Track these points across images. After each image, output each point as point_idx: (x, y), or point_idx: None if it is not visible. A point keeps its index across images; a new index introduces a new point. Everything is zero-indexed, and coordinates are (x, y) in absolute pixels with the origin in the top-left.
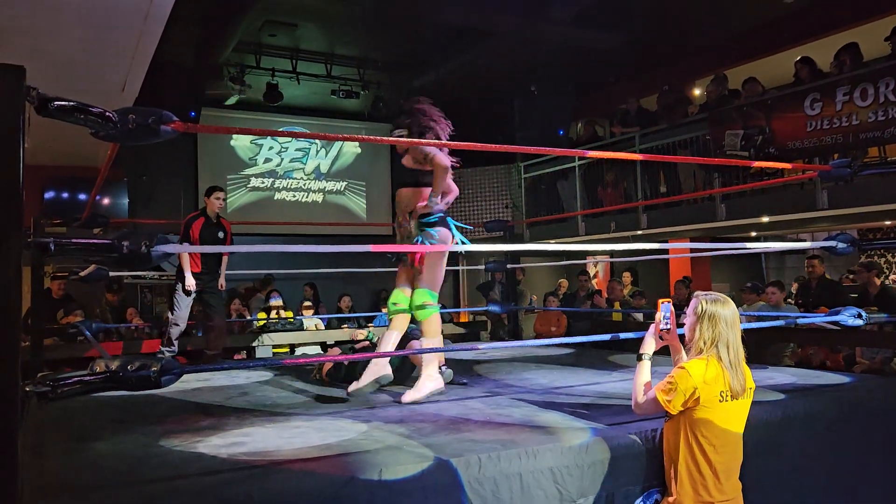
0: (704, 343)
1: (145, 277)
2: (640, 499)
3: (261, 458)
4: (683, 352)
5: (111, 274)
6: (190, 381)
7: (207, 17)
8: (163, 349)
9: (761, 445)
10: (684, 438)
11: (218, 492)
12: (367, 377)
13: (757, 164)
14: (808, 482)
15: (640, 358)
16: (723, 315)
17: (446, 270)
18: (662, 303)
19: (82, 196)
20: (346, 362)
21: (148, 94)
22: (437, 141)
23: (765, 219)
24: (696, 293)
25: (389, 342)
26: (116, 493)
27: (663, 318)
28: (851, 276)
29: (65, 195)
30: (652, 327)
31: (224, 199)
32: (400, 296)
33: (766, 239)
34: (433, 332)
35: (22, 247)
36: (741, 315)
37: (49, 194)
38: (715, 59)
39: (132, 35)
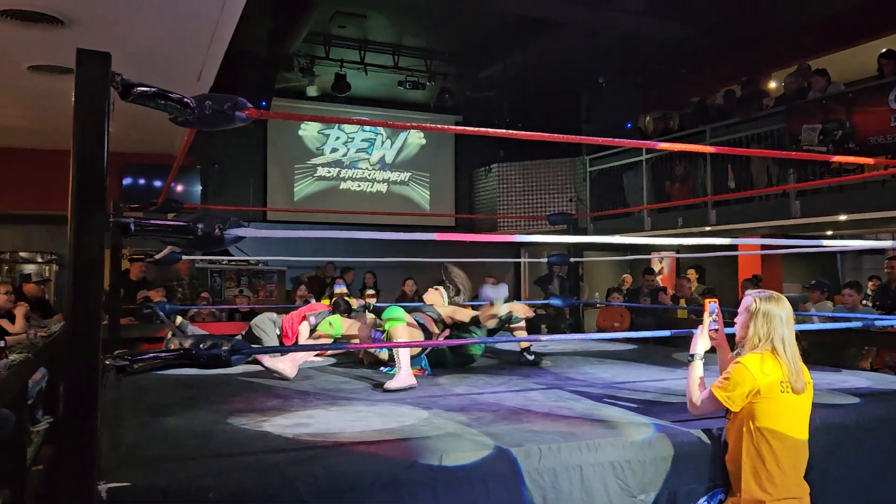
0: (759, 339)
1: (217, 263)
2: (705, 498)
3: (324, 440)
4: (731, 352)
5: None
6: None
7: (280, 8)
8: None
9: (833, 448)
10: (747, 434)
11: (283, 469)
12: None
13: (837, 158)
14: (882, 489)
15: (691, 359)
16: (777, 313)
17: (508, 262)
18: (709, 302)
19: (157, 183)
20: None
21: (222, 83)
22: (499, 131)
23: (842, 217)
24: (747, 291)
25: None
26: (187, 465)
27: (711, 319)
28: None
29: (141, 182)
30: (700, 328)
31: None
32: None
33: (843, 238)
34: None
35: (105, 226)
36: (809, 315)
37: (127, 181)
38: (792, 50)
39: (209, 25)
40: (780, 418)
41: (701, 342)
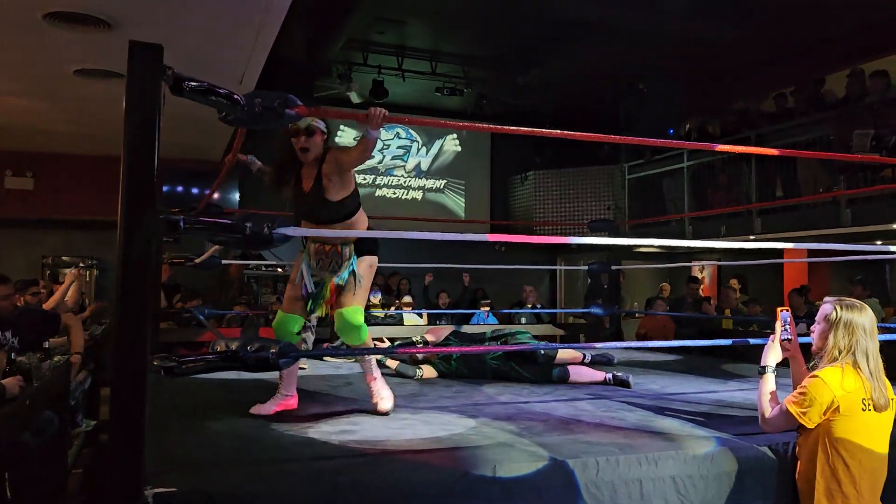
0: (839, 352)
1: (255, 268)
2: None
3: (372, 448)
4: (804, 363)
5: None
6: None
7: (320, 13)
8: None
9: None
10: (823, 452)
11: (332, 477)
12: None
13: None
14: None
15: (762, 371)
16: (860, 322)
17: (544, 270)
18: (781, 311)
19: (194, 190)
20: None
21: (263, 88)
22: (540, 130)
23: (895, 226)
24: (826, 298)
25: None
26: (234, 471)
27: (783, 328)
28: None
29: (179, 189)
30: (771, 338)
31: None
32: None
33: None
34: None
35: (158, 219)
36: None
37: (165, 188)
38: (844, 55)
39: (252, 28)
40: (859, 438)
41: (772, 353)
